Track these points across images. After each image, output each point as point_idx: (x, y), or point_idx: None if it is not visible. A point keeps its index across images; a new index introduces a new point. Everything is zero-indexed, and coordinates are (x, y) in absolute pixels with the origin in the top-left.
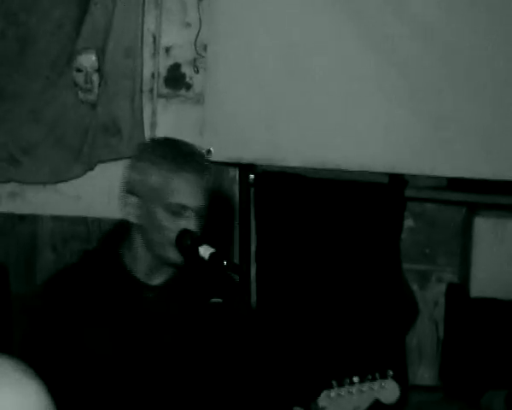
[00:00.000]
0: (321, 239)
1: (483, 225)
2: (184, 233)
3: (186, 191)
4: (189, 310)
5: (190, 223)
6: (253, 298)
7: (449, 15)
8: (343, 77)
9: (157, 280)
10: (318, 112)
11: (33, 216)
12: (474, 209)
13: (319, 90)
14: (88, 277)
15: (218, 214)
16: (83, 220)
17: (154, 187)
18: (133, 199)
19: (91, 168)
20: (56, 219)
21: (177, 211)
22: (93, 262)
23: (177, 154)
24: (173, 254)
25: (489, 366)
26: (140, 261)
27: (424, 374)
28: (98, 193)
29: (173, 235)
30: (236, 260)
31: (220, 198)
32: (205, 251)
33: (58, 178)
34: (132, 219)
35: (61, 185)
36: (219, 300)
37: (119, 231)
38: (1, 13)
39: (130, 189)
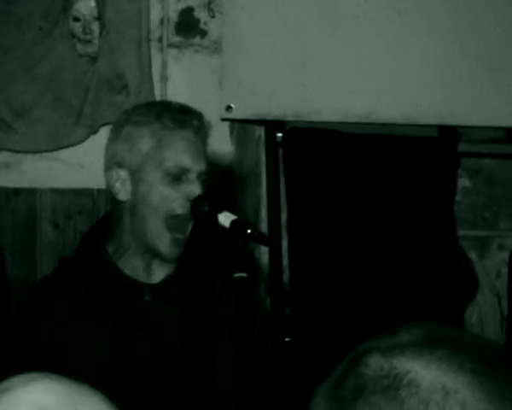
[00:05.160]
0: (362, 205)
1: None
2: (200, 199)
3: (185, 152)
4: (196, 309)
5: (194, 189)
6: (286, 275)
7: None
8: (386, 16)
9: (155, 277)
10: (356, 57)
11: (30, 189)
12: None
13: (357, 32)
14: (67, 288)
15: (241, 181)
16: (87, 192)
17: (146, 152)
18: (122, 173)
19: (95, 132)
20: (57, 191)
21: (177, 176)
22: (72, 269)
23: (171, 111)
24: (165, 247)
25: None
26: (131, 255)
27: None
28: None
29: (176, 206)
30: (265, 232)
31: (243, 162)
32: (225, 219)
33: (57, 144)
34: (122, 197)
35: (61, 153)
36: (244, 274)
37: (104, 226)
38: None
39: (116, 162)
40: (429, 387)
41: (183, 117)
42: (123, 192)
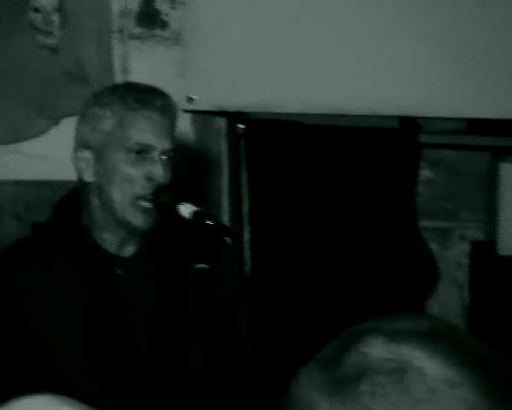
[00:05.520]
0: (324, 196)
1: (510, 172)
2: (162, 189)
3: (148, 130)
4: (167, 284)
5: (157, 168)
6: (248, 265)
7: None
8: (346, 6)
9: (128, 250)
10: (318, 49)
11: None
12: (499, 155)
13: (319, 24)
14: (41, 254)
15: (203, 172)
16: (49, 184)
17: (109, 132)
18: (87, 153)
19: (56, 123)
20: (18, 183)
21: (139, 153)
22: (46, 236)
23: (134, 92)
24: (136, 218)
25: None
26: (103, 230)
27: None
28: (66, 152)
29: (138, 188)
30: (227, 224)
31: (205, 153)
32: (186, 209)
33: (18, 135)
34: (88, 178)
35: (23, 144)
36: (205, 265)
37: (78, 197)
38: None
39: (82, 143)
40: (436, 376)
41: (146, 97)
42: (88, 173)
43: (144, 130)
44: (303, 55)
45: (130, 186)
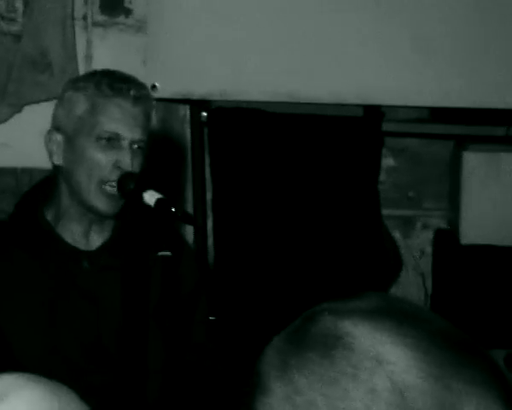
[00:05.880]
0: (287, 184)
1: (473, 161)
2: (127, 176)
3: (119, 119)
4: (133, 276)
5: (125, 156)
6: (210, 254)
7: None
8: None
9: (93, 243)
10: (282, 36)
11: None
12: (462, 143)
13: (282, 11)
14: (3, 251)
15: (166, 160)
16: (11, 171)
17: (81, 117)
18: (58, 136)
19: (19, 110)
20: None
21: (109, 141)
22: (8, 233)
23: (110, 80)
24: (102, 203)
25: (485, 323)
26: (70, 220)
27: None
28: (28, 139)
29: (104, 173)
30: (190, 211)
31: (169, 141)
32: (150, 197)
33: None
34: (56, 161)
35: None
36: (168, 253)
37: (42, 190)
38: None
39: (56, 125)
40: (362, 353)
41: (121, 85)
42: (57, 156)
43: (114, 118)
44: (266, 44)
45: (96, 171)
